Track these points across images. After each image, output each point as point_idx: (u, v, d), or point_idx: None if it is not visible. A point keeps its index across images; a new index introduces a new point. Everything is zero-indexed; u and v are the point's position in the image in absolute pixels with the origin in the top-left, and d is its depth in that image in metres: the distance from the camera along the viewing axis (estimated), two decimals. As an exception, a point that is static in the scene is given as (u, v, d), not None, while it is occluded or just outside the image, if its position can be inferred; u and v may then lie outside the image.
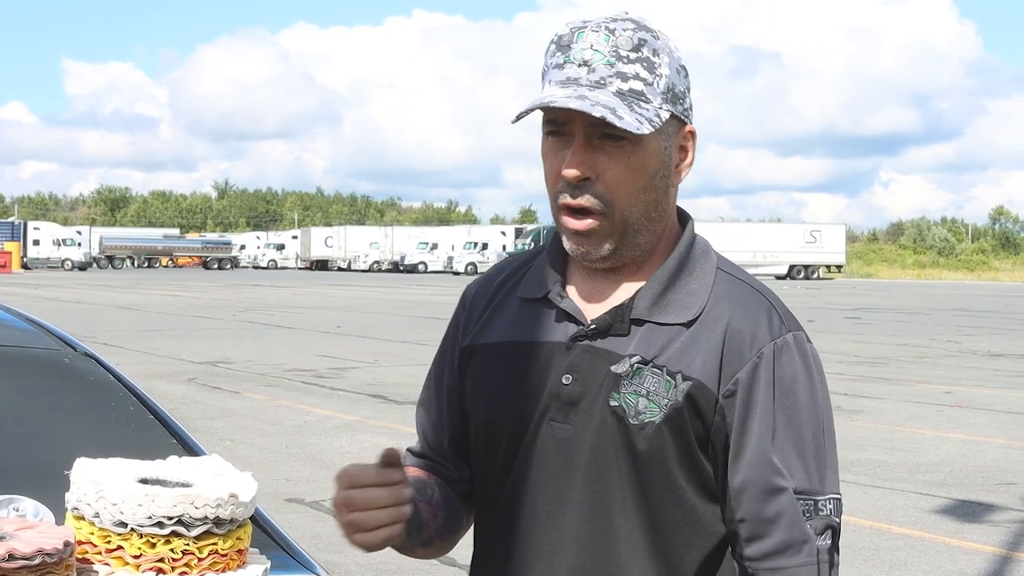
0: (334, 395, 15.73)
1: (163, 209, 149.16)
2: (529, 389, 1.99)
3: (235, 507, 2.10)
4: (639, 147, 1.90)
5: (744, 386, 1.90)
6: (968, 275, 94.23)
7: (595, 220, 1.92)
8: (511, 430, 2.01)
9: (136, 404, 2.85)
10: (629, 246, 1.96)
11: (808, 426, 1.92)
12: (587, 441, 1.94)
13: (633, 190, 1.92)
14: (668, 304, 1.95)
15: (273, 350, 21.92)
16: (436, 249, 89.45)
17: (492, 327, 2.08)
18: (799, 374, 1.93)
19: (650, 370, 1.91)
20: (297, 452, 11.48)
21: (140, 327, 27.59)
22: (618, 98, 1.88)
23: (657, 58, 1.92)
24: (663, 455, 1.91)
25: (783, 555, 1.88)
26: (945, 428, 13.52)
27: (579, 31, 1.92)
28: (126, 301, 39.87)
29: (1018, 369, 20.45)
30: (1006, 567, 7.82)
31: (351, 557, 7.70)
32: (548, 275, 2.05)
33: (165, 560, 2.05)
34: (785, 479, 1.88)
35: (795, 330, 1.96)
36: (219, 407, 14.42)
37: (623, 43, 1.90)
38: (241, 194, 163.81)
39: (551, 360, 1.98)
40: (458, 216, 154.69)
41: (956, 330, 30.17)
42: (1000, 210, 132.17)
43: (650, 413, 1.90)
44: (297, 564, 2.48)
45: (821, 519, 1.89)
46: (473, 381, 2.08)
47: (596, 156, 1.90)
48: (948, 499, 9.80)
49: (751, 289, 1.99)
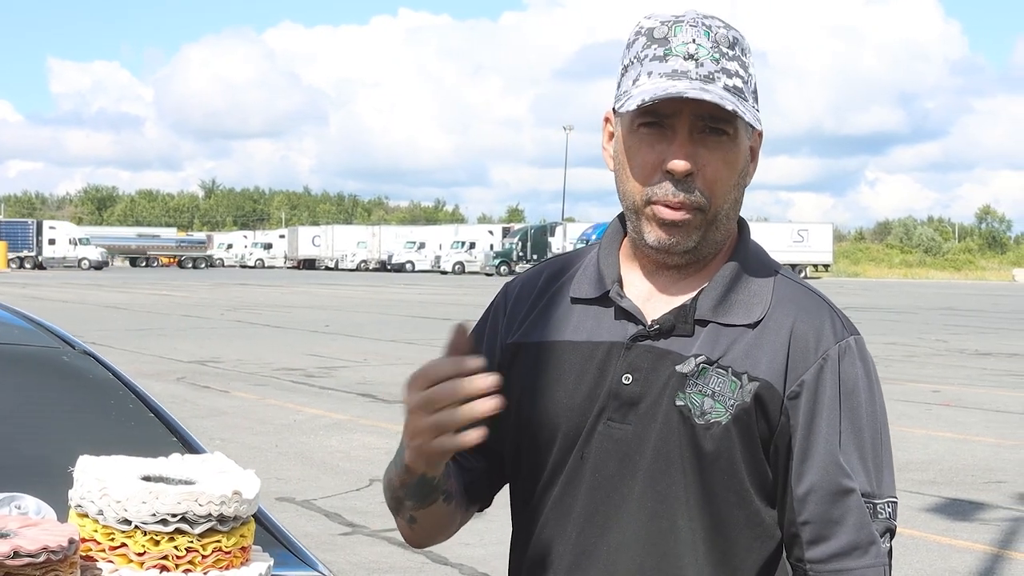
0: (323, 394, 15.72)
1: (150, 208, 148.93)
2: (585, 388, 1.98)
3: (239, 504, 2.09)
4: (735, 143, 1.91)
5: (810, 388, 1.90)
6: (955, 274, 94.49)
7: (690, 213, 1.91)
8: (566, 429, 1.99)
9: (135, 402, 2.84)
10: (710, 242, 1.96)
11: (868, 429, 1.92)
12: (649, 441, 1.93)
13: (727, 186, 1.93)
14: (732, 305, 1.95)
15: (262, 349, 21.89)
16: (423, 248, 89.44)
17: (541, 326, 2.06)
18: (860, 377, 1.93)
19: (715, 370, 1.91)
20: (287, 451, 11.46)
21: (128, 326, 27.53)
22: (729, 93, 1.88)
23: (747, 57, 1.93)
24: (731, 455, 1.90)
25: (850, 556, 1.88)
26: (934, 427, 13.55)
27: (675, 25, 1.90)
28: (114, 300, 39.77)
29: (1006, 368, 20.51)
30: (996, 565, 7.84)
31: (343, 556, 7.70)
32: (604, 274, 2.03)
33: (169, 557, 2.05)
34: (852, 480, 1.88)
35: (855, 334, 1.97)
36: (208, 406, 14.40)
37: (721, 39, 1.90)
38: (228, 193, 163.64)
39: (609, 360, 1.97)
40: (445, 215, 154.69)
41: (944, 329, 30.24)
42: (987, 209, 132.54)
43: (716, 413, 1.90)
44: (299, 562, 2.48)
45: (881, 522, 1.90)
46: (521, 380, 2.04)
47: (698, 150, 1.89)
48: (938, 497, 9.82)
49: (811, 293, 2.00)
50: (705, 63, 1.88)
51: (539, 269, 2.17)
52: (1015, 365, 21.04)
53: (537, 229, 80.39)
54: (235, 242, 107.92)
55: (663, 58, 1.89)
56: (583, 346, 2.00)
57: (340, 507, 9.07)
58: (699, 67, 1.88)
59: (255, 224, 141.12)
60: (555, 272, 2.12)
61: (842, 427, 1.89)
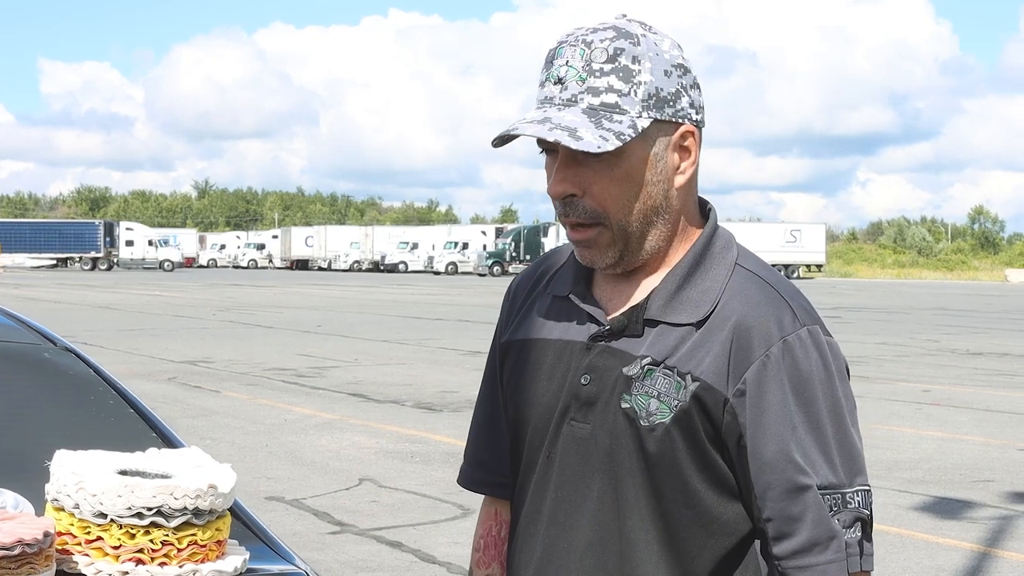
0: (314, 394, 15.72)
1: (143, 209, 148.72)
2: (554, 387, 2.01)
3: (214, 498, 2.11)
4: (621, 158, 1.90)
5: (754, 385, 1.88)
6: (947, 274, 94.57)
7: (592, 231, 1.93)
8: (537, 428, 2.02)
9: (116, 398, 2.86)
10: (635, 251, 1.96)
11: (829, 420, 1.89)
12: (603, 442, 1.95)
13: (623, 201, 1.92)
14: (680, 303, 1.95)
15: (253, 349, 21.89)
16: (416, 249, 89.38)
17: (526, 323, 2.10)
18: (815, 368, 1.90)
19: (661, 371, 1.91)
20: (277, 451, 11.47)
21: (120, 326, 27.52)
22: (586, 115, 1.87)
23: (637, 65, 1.90)
24: (674, 456, 1.90)
25: (810, 553, 1.87)
26: (923, 426, 13.57)
27: (561, 46, 1.92)
28: (105, 301, 39.75)
29: (996, 367, 20.54)
30: (983, 563, 7.86)
31: (331, 555, 7.71)
32: (575, 274, 2.06)
33: (144, 551, 2.07)
34: (808, 476, 1.86)
35: (810, 324, 1.93)
36: (199, 406, 14.40)
37: (597, 56, 1.89)
38: (221, 194, 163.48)
39: (572, 359, 2.00)
40: (438, 216, 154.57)
41: (935, 329, 30.28)
42: (979, 210, 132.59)
43: (661, 415, 1.90)
44: (276, 556, 2.49)
45: (849, 512, 1.88)
46: (507, 377, 2.10)
47: (581, 172, 1.90)
48: (926, 496, 9.84)
49: (766, 285, 1.96)
50: (570, 85, 1.90)
51: (541, 261, 2.20)
52: (1005, 365, 21.08)
53: (530, 229, 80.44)
54: (228, 243, 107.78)
55: (543, 83, 1.94)
56: (556, 344, 2.03)
57: (329, 506, 9.08)
58: (563, 91, 1.90)
59: (248, 225, 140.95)
60: (545, 267, 2.16)
61: (796, 421, 1.87)
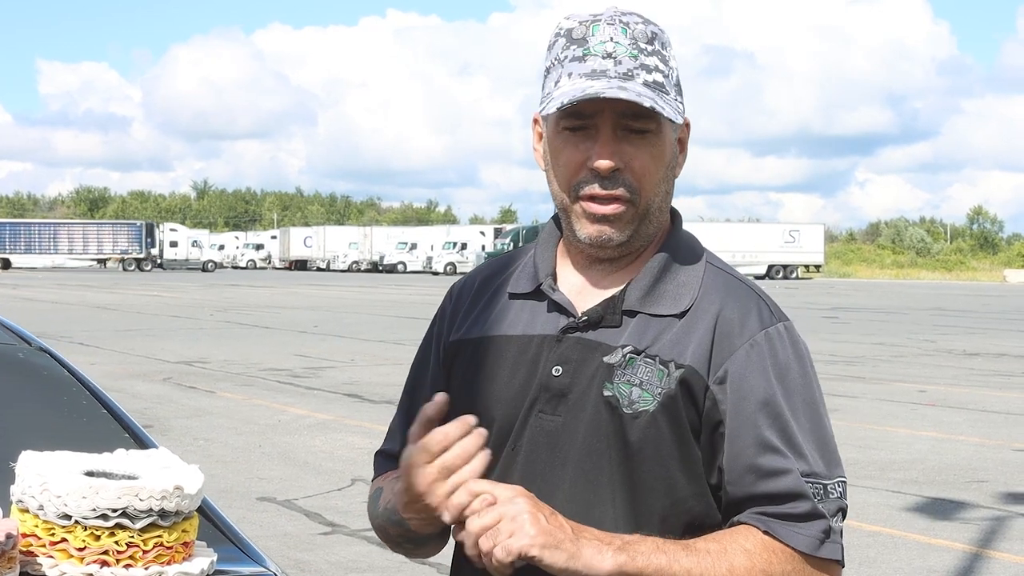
0: (309, 394, 15.71)
1: (142, 209, 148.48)
2: (519, 381, 2.01)
3: (180, 499, 2.09)
4: (659, 137, 1.94)
5: (735, 373, 1.91)
6: (946, 275, 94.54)
7: (622, 206, 1.93)
8: (500, 422, 2.01)
9: (89, 398, 2.84)
10: (642, 235, 1.98)
11: (805, 412, 1.92)
12: (578, 433, 1.95)
13: (656, 180, 1.95)
14: (660, 296, 1.97)
15: (250, 350, 21.88)
16: (415, 249, 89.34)
17: (480, 322, 2.09)
18: (792, 362, 1.94)
19: (643, 360, 1.92)
20: (270, 451, 11.45)
21: (117, 327, 27.50)
22: (648, 88, 1.90)
23: (667, 51, 1.95)
24: (657, 444, 1.91)
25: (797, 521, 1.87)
26: (919, 426, 13.56)
27: (593, 24, 1.93)
28: (103, 301, 39.74)
29: (993, 368, 20.54)
30: (975, 564, 7.85)
31: (322, 556, 7.70)
32: (539, 269, 2.06)
33: (109, 552, 2.05)
34: (790, 461, 1.87)
35: (784, 320, 1.98)
36: (193, 406, 14.38)
37: (639, 35, 1.92)
38: (220, 194, 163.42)
39: (541, 352, 2.00)
40: (438, 216, 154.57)
41: (933, 329, 30.27)
42: (978, 210, 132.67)
43: (644, 402, 1.91)
44: (247, 558, 2.48)
45: (832, 501, 1.89)
46: (460, 375, 2.09)
47: (623, 147, 1.92)
48: (920, 497, 9.83)
49: (740, 282, 2.02)
50: (623, 60, 1.90)
51: (480, 268, 2.21)
52: (1002, 365, 21.07)
53: (529, 230, 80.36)
54: (227, 243, 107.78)
55: (582, 58, 1.92)
56: (517, 339, 2.03)
57: (321, 507, 9.07)
58: (617, 65, 1.90)
59: (247, 225, 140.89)
60: (496, 270, 2.16)
61: (778, 410, 1.89)
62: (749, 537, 1.87)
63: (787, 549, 1.86)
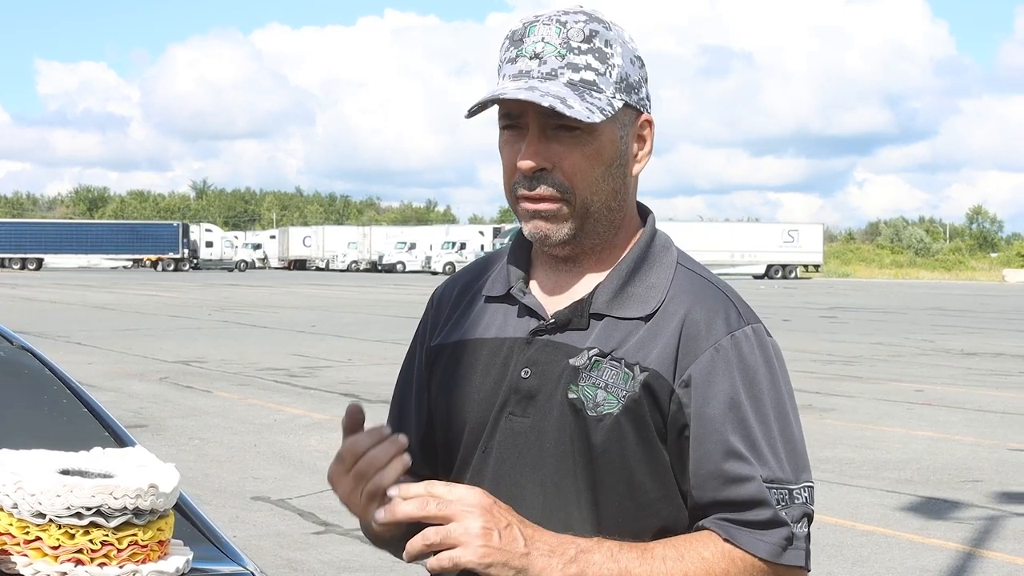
0: (305, 394, 15.70)
1: (141, 209, 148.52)
2: (490, 383, 2.01)
3: (155, 498, 2.09)
4: (594, 136, 1.92)
5: (700, 377, 1.90)
6: (945, 275, 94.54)
7: (553, 203, 1.93)
8: (472, 424, 2.02)
9: (70, 397, 2.84)
10: (589, 233, 1.97)
11: (774, 416, 1.91)
12: (546, 435, 1.95)
13: (591, 178, 1.94)
14: (627, 298, 1.97)
15: (247, 349, 21.87)
16: (414, 249, 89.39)
17: (458, 326, 2.10)
18: (760, 365, 1.93)
19: (608, 363, 1.92)
20: (265, 451, 11.45)
21: (115, 327, 27.50)
22: (569, 88, 1.90)
23: (609, 48, 1.94)
24: (621, 447, 1.91)
25: (758, 528, 1.86)
26: (915, 426, 13.56)
27: (531, 25, 1.94)
28: (102, 301, 39.74)
29: (990, 367, 20.54)
30: (968, 563, 7.85)
31: (315, 555, 7.70)
32: (512, 272, 2.07)
33: (84, 551, 2.05)
34: (752, 467, 1.87)
35: (754, 323, 1.96)
36: (189, 406, 14.38)
37: (574, 35, 1.92)
38: (219, 194, 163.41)
39: (511, 354, 2.00)
40: (437, 216, 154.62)
41: (931, 329, 30.27)
42: (977, 209, 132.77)
43: (608, 405, 1.91)
44: (224, 556, 2.48)
45: (797, 507, 1.88)
46: (438, 379, 2.10)
47: (551, 147, 1.92)
48: (914, 496, 9.83)
49: (710, 284, 2.00)
50: (548, 60, 1.91)
51: (466, 269, 2.22)
52: (1000, 364, 21.08)
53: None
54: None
55: (514, 60, 1.94)
56: (491, 342, 2.04)
57: (315, 506, 9.06)
58: (542, 65, 1.92)
59: (246, 225, 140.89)
60: (475, 275, 2.17)
61: (743, 414, 1.89)
62: (709, 544, 1.86)
63: (747, 557, 1.86)
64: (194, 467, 10.50)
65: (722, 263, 79.65)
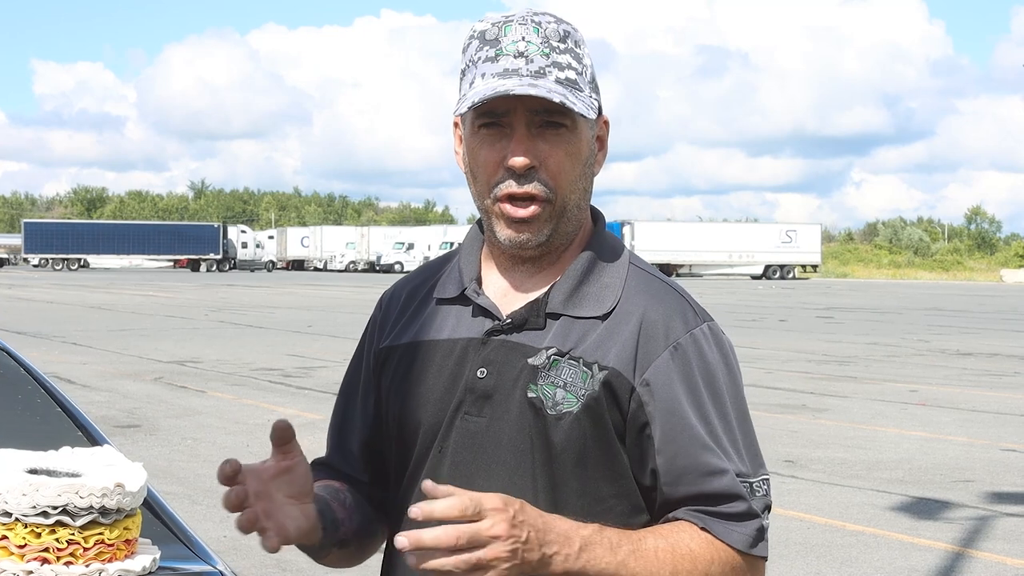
0: (300, 394, 15.71)
1: (139, 209, 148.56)
2: (444, 384, 2.01)
3: (122, 497, 2.10)
4: (575, 134, 1.94)
5: (661, 376, 1.91)
6: (943, 275, 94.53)
7: (539, 207, 1.94)
8: (426, 425, 2.02)
9: (44, 396, 2.85)
10: (561, 234, 1.98)
11: (733, 412, 1.94)
12: (503, 434, 1.95)
13: (572, 177, 1.95)
14: (583, 298, 1.98)
15: (242, 350, 21.88)
16: (412, 249, 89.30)
17: (409, 328, 2.10)
18: (718, 363, 1.95)
19: (567, 362, 1.93)
20: (258, 451, 11.45)
21: (111, 327, 27.51)
22: (560, 85, 1.90)
23: (580, 49, 1.96)
24: (581, 446, 1.92)
25: (733, 520, 1.89)
26: (908, 426, 13.57)
27: (506, 25, 1.94)
28: (99, 301, 39.73)
29: (985, 368, 20.55)
30: (957, 563, 7.86)
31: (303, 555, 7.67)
32: (464, 273, 2.07)
33: (50, 550, 2.06)
34: (724, 461, 1.89)
35: (709, 321, 1.99)
36: (183, 406, 14.39)
37: (551, 34, 1.93)
38: (218, 194, 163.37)
39: (466, 355, 2.00)
40: (435, 216, 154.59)
41: (927, 329, 30.28)
42: (976, 210, 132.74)
43: (567, 404, 1.91)
44: (195, 556, 2.48)
45: (760, 499, 1.92)
46: (389, 381, 2.10)
47: (538, 144, 1.92)
48: (905, 496, 9.84)
49: (664, 284, 2.02)
50: (535, 59, 1.92)
51: (415, 272, 2.22)
52: (994, 365, 21.09)
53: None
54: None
55: (495, 58, 1.93)
56: (443, 344, 2.04)
57: (306, 506, 9.05)
58: (529, 63, 1.91)
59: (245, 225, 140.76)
60: (425, 277, 2.17)
61: (706, 411, 1.91)
62: (693, 536, 1.88)
63: (727, 547, 1.89)
64: (187, 467, 10.51)
65: (720, 263, 79.73)
